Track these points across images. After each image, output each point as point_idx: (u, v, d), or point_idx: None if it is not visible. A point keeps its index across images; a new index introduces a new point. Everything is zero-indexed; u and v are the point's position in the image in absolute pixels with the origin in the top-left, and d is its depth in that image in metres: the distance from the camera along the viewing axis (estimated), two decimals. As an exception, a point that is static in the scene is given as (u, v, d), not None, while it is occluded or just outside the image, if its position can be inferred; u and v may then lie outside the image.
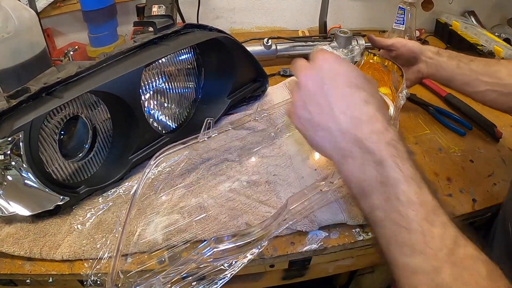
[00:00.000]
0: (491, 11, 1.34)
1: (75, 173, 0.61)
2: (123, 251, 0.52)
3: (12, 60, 0.75)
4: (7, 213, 0.54)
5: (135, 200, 0.56)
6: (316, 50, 0.51)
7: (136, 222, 0.57)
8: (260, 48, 1.02)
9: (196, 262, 0.44)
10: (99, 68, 0.58)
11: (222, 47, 0.72)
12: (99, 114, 0.62)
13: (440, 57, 0.71)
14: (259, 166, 0.67)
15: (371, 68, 0.75)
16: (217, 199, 0.61)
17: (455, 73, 0.69)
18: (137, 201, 0.58)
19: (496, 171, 0.71)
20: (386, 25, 1.30)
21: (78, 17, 1.03)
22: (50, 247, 0.54)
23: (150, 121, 0.68)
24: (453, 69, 0.69)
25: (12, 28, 0.72)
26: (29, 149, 0.50)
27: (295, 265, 0.60)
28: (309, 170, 0.66)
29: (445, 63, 0.71)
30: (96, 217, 0.58)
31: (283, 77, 1.00)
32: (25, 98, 0.51)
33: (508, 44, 1.07)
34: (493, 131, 0.79)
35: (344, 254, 0.62)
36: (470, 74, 0.67)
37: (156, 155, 0.61)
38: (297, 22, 1.32)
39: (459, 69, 0.69)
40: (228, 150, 0.71)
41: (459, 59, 0.70)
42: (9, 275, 0.54)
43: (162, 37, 0.66)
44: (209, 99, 0.79)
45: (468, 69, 0.68)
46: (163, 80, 0.70)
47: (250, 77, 0.83)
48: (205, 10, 1.23)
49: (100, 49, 1.01)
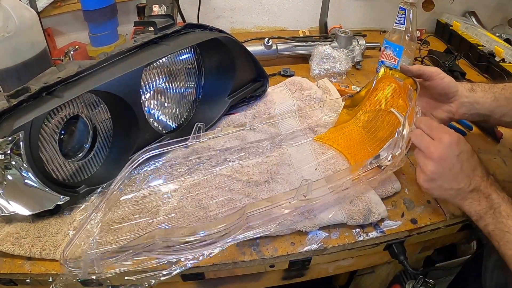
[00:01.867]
0: (492, 11, 1.34)
1: (75, 172, 0.61)
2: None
3: (13, 59, 0.75)
4: (7, 212, 0.54)
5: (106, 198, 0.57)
6: (432, 124, 0.56)
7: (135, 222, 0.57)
8: (261, 48, 1.02)
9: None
10: (99, 67, 0.58)
11: (223, 47, 0.72)
12: (99, 114, 0.62)
13: (475, 93, 0.66)
14: (259, 165, 0.67)
15: (388, 82, 0.72)
16: (217, 199, 0.61)
17: (493, 106, 0.65)
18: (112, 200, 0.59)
19: (497, 172, 0.71)
20: (387, 25, 1.30)
21: (79, 16, 1.04)
22: (50, 246, 0.54)
23: (150, 121, 0.68)
24: (490, 103, 0.65)
25: (12, 27, 0.72)
26: (29, 149, 0.50)
27: (295, 265, 0.60)
28: (309, 170, 0.66)
29: (481, 98, 0.66)
30: (96, 217, 0.58)
31: (284, 77, 1.00)
32: (26, 98, 0.51)
33: (508, 45, 1.07)
34: (493, 132, 0.79)
35: (344, 255, 0.62)
36: (507, 105, 0.65)
37: (134, 158, 0.62)
38: (298, 22, 1.32)
39: (496, 102, 0.65)
40: (228, 150, 0.71)
41: (493, 90, 0.66)
42: (9, 275, 0.54)
43: (163, 37, 0.66)
44: (209, 99, 0.79)
45: (504, 99, 0.65)
46: (163, 80, 0.70)
47: (250, 77, 0.83)
48: (205, 10, 1.23)
49: (101, 49, 1.02)
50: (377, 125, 0.71)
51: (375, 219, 0.59)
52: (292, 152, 0.71)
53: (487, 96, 0.66)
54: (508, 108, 0.65)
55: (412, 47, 0.92)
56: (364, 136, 0.72)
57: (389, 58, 0.95)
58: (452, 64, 1.03)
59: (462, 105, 0.66)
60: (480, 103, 0.65)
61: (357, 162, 0.62)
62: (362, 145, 0.70)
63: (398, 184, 0.64)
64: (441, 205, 0.64)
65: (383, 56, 0.96)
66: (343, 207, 0.59)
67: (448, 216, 0.62)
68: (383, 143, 0.64)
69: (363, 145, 0.70)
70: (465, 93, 0.66)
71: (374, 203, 0.59)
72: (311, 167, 0.67)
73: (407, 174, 0.69)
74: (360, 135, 0.72)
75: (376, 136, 0.70)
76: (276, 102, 0.84)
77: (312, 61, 0.99)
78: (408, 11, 0.88)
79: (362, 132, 0.73)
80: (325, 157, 0.69)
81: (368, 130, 0.73)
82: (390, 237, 0.60)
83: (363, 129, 0.73)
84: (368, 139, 0.71)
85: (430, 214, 0.62)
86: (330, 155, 0.69)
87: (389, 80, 0.72)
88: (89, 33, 1.01)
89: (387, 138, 0.65)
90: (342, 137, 0.73)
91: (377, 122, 0.72)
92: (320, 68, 0.97)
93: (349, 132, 0.74)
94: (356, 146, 0.70)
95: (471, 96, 0.66)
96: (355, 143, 0.71)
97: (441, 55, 1.09)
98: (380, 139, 0.69)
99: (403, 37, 0.91)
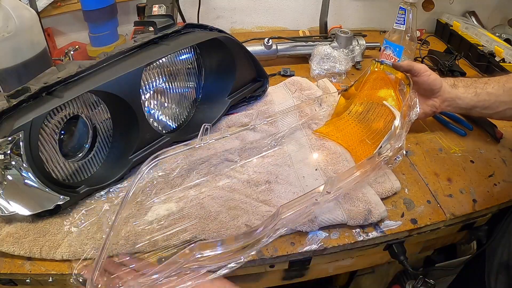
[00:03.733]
0: (492, 11, 1.34)
1: (75, 172, 0.61)
2: (120, 251, 0.52)
3: (13, 59, 0.75)
4: (7, 212, 0.54)
5: (126, 201, 0.55)
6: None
7: (135, 223, 0.57)
8: (261, 48, 1.02)
9: (179, 266, 0.43)
10: (99, 67, 0.58)
11: (223, 47, 0.72)
12: (99, 114, 0.62)
13: (457, 89, 0.71)
14: (260, 165, 0.67)
15: (378, 77, 0.74)
16: (217, 199, 0.61)
17: (474, 101, 0.69)
18: (130, 202, 0.57)
19: (497, 172, 0.71)
20: (387, 25, 1.30)
21: (79, 16, 1.04)
22: (50, 246, 0.54)
23: (150, 121, 0.68)
24: (471, 98, 0.69)
25: (12, 27, 0.72)
26: (29, 149, 0.50)
27: (295, 265, 0.60)
28: (309, 170, 0.66)
29: (462, 94, 0.70)
30: (96, 217, 0.58)
31: (284, 77, 1.00)
32: (26, 98, 0.51)
33: (508, 45, 1.07)
34: (493, 132, 0.79)
35: (344, 255, 0.62)
36: (489, 99, 0.68)
37: (149, 160, 0.61)
38: (298, 22, 1.32)
39: (477, 97, 0.69)
40: (228, 150, 0.71)
41: (475, 86, 0.70)
42: (9, 275, 0.54)
43: (163, 37, 0.66)
44: (209, 99, 0.79)
45: (485, 94, 0.68)
46: (163, 80, 0.70)
47: (250, 77, 0.83)
48: (205, 10, 1.23)
49: (101, 49, 1.02)
50: (370, 118, 0.74)
51: (375, 219, 0.59)
52: (292, 152, 0.71)
53: (468, 92, 0.70)
54: (490, 102, 0.68)
55: (412, 47, 0.92)
56: (359, 128, 0.74)
57: (389, 58, 0.95)
58: (452, 64, 1.03)
59: (445, 100, 0.71)
60: (461, 98, 0.70)
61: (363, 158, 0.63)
62: (359, 137, 0.72)
63: (398, 184, 0.64)
64: (441, 205, 0.64)
65: (383, 56, 0.96)
66: (343, 207, 0.59)
67: (448, 216, 0.62)
68: (378, 135, 0.68)
69: (360, 137, 0.72)
70: (447, 89, 0.71)
71: (374, 203, 0.59)
72: (311, 167, 0.67)
73: (407, 174, 0.69)
74: (356, 127, 0.75)
75: (371, 128, 0.72)
76: (276, 102, 0.84)
77: (312, 61, 0.99)
78: (408, 11, 0.88)
79: (357, 124, 0.75)
80: (325, 157, 0.69)
81: (362, 122, 0.75)
82: (390, 237, 0.60)
83: (358, 121, 0.75)
84: (363, 131, 0.73)
85: (430, 214, 0.62)
86: (329, 152, 0.70)
87: (380, 74, 0.74)
88: (89, 33, 1.01)
89: (382, 130, 0.69)
90: (339, 129, 0.75)
91: (370, 115, 0.74)
92: (320, 68, 0.97)
93: (345, 125, 0.76)
94: (353, 137, 0.73)
95: (453, 92, 0.71)
96: (352, 134, 0.73)
97: (441, 55, 1.09)
98: (375, 131, 0.71)
99: (403, 37, 0.91)
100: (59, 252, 0.53)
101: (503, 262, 0.55)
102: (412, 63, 0.71)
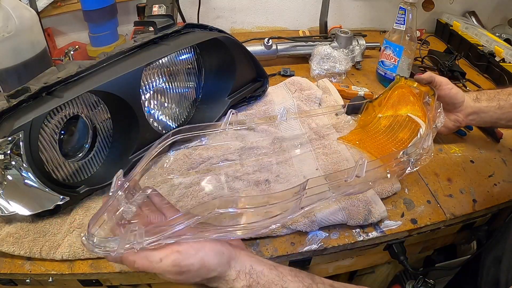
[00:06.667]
0: (492, 11, 1.34)
1: (75, 172, 0.61)
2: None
3: (13, 59, 0.75)
4: (7, 212, 0.54)
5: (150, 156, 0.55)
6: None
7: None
8: (261, 48, 1.02)
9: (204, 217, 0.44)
10: (99, 67, 0.57)
11: (223, 47, 0.72)
12: (99, 114, 0.62)
13: (480, 102, 0.69)
14: (260, 165, 0.67)
15: (402, 90, 0.73)
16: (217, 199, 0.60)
17: (498, 114, 0.68)
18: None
19: (497, 172, 0.71)
20: (387, 25, 1.30)
21: (79, 16, 1.04)
22: (50, 246, 0.54)
23: (150, 121, 0.68)
24: (495, 111, 0.68)
25: (12, 27, 0.72)
26: (29, 149, 0.50)
27: (295, 265, 0.60)
28: (310, 170, 0.66)
29: (486, 107, 0.69)
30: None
31: (284, 77, 1.00)
32: (25, 98, 0.51)
33: (508, 45, 1.07)
34: (493, 132, 0.79)
35: (344, 255, 0.62)
36: None
37: (168, 135, 0.59)
38: (298, 22, 1.32)
39: (501, 110, 0.68)
40: (228, 149, 0.71)
41: (498, 98, 0.69)
42: (9, 275, 0.54)
43: (163, 37, 0.66)
44: (209, 99, 0.79)
45: (509, 106, 0.67)
46: (163, 80, 0.70)
47: (250, 77, 0.83)
48: (205, 10, 1.23)
49: (101, 49, 1.02)
50: (396, 129, 0.73)
51: (375, 219, 0.59)
52: (293, 151, 0.71)
53: (492, 105, 0.68)
54: None
55: (412, 47, 0.92)
56: (385, 138, 0.73)
57: (389, 58, 0.95)
58: (452, 64, 1.03)
59: (468, 114, 0.70)
60: (485, 111, 0.69)
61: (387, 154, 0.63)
62: (385, 146, 0.71)
63: (398, 184, 0.64)
64: (441, 205, 0.64)
65: (383, 56, 0.96)
66: (343, 207, 0.59)
67: (448, 216, 0.62)
68: (404, 144, 0.67)
69: (386, 146, 0.71)
70: (470, 103, 0.69)
71: (374, 203, 0.59)
72: (311, 166, 0.67)
73: (407, 175, 0.69)
74: (381, 137, 0.74)
75: (397, 138, 0.71)
76: (276, 102, 0.84)
77: (312, 61, 0.99)
78: (408, 11, 0.88)
79: (382, 135, 0.74)
80: (325, 156, 0.69)
81: (387, 134, 0.74)
82: (390, 237, 0.60)
83: (382, 133, 0.74)
84: (389, 140, 0.72)
85: (430, 214, 0.62)
86: (330, 151, 0.70)
87: (404, 89, 0.73)
88: (89, 33, 1.01)
89: (408, 139, 0.68)
90: (364, 139, 0.74)
91: (396, 127, 0.73)
92: (320, 68, 0.97)
93: (370, 135, 0.75)
94: (379, 147, 0.72)
95: (476, 106, 0.69)
96: (378, 144, 0.72)
97: (441, 55, 1.09)
98: (401, 140, 0.70)
99: (403, 37, 0.91)
100: (59, 252, 0.53)
101: (497, 256, 0.55)
102: (433, 75, 0.69)
